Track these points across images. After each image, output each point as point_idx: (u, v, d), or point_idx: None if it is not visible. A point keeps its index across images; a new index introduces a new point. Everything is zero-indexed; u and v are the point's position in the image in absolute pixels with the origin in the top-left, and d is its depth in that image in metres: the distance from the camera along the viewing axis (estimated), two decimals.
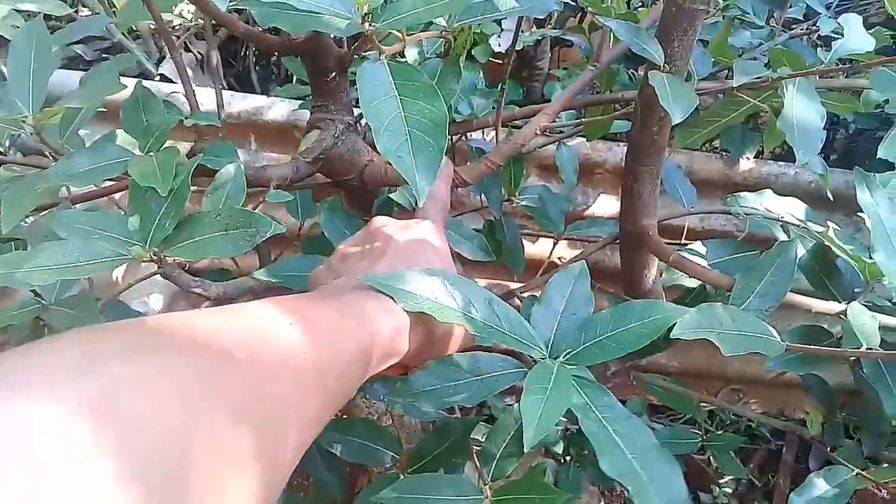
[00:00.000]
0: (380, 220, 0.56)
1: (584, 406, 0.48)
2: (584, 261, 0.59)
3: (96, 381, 0.24)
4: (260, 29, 0.61)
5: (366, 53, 0.61)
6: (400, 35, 0.48)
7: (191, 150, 0.66)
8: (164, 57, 1.47)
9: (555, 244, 0.92)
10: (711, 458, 1.39)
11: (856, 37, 0.67)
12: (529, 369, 0.50)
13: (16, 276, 0.46)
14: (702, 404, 1.30)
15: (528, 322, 0.53)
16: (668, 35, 0.59)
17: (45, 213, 0.58)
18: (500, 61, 1.34)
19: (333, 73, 0.66)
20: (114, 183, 0.65)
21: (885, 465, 0.76)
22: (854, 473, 0.70)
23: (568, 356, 0.51)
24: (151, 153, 0.57)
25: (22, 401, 0.22)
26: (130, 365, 0.25)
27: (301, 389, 0.33)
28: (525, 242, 0.90)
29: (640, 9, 1.22)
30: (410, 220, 0.57)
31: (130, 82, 0.65)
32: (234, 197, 0.57)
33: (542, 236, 1.08)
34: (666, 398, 0.85)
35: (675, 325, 0.56)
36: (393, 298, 0.46)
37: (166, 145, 0.58)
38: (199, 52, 1.55)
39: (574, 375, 0.50)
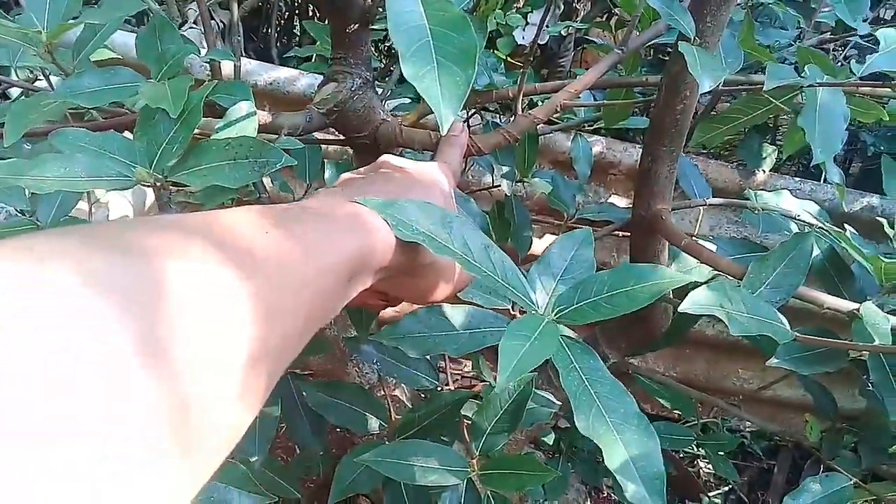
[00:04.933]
0: (389, 156, 0.54)
1: (568, 363, 0.46)
2: (589, 228, 0.57)
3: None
4: None
5: None
6: None
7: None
8: (185, 21, 1.46)
9: (561, 230, 0.90)
10: (700, 469, 1.37)
11: (890, 54, 0.65)
12: None
13: (15, 181, 0.45)
14: (695, 421, 1.29)
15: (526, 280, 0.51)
16: (701, 10, 0.58)
17: (49, 134, 0.57)
18: (520, 63, 1.33)
19: (356, 25, 0.64)
20: (122, 117, 0.64)
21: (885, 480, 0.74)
22: (852, 482, 0.68)
23: (560, 313, 0.49)
24: (164, 81, 0.55)
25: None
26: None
27: (278, 298, 0.32)
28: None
29: None
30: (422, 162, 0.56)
31: None
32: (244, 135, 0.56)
33: (547, 223, 1.07)
34: (664, 395, 0.83)
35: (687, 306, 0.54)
36: (388, 223, 0.44)
37: None
38: (221, 21, 1.55)
39: (563, 335, 0.48)
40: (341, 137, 0.72)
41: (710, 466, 1.36)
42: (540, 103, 0.80)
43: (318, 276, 0.36)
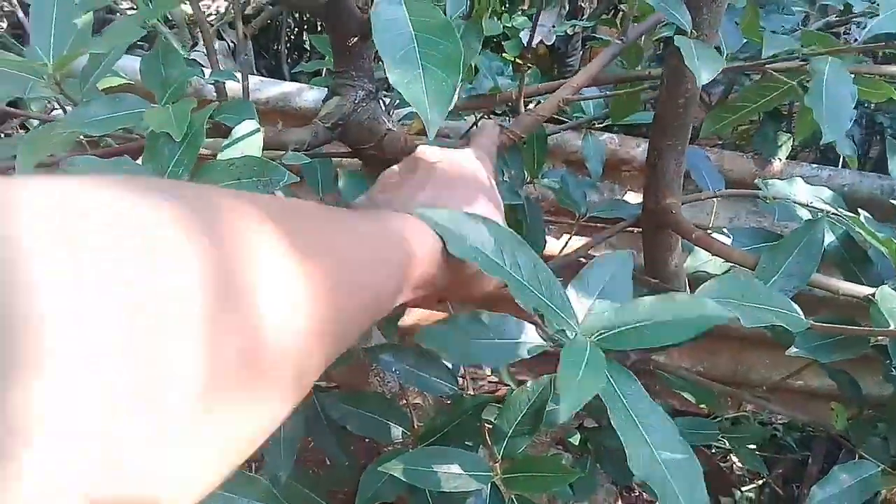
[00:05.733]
0: (423, 148, 0.54)
1: (613, 394, 0.45)
2: (630, 251, 0.56)
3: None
4: None
5: None
6: None
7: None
8: (196, 43, 1.49)
9: (574, 229, 0.90)
10: (733, 464, 1.36)
11: (892, 16, 0.65)
12: (553, 343, 0.49)
13: None
14: (726, 415, 1.27)
15: None
16: (696, 1, 0.58)
17: (60, 163, 0.58)
18: (529, 65, 1.33)
19: (356, 39, 0.65)
20: (132, 143, 0.65)
21: None
22: (880, 469, 0.67)
23: (601, 337, 0.49)
24: (168, 105, 0.56)
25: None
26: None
27: (340, 285, 0.32)
28: None
29: None
30: (456, 149, 0.55)
31: None
32: (249, 153, 0.56)
33: (564, 223, 1.07)
34: (688, 389, 0.83)
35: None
36: (443, 239, 0.44)
37: None
38: (231, 41, 1.57)
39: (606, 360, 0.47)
40: (349, 150, 0.73)
41: None
42: None
43: (375, 274, 0.37)
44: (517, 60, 1.44)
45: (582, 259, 0.75)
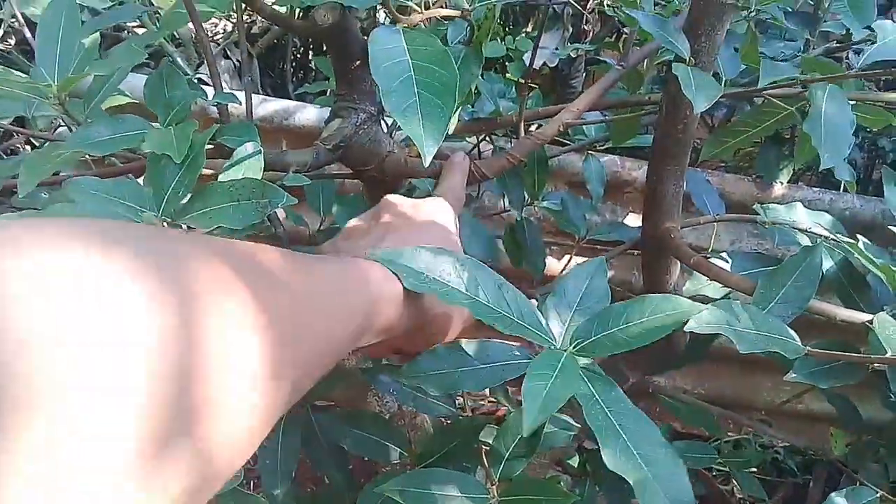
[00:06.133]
0: (390, 197, 0.55)
1: (590, 397, 0.46)
2: (602, 257, 0.57)
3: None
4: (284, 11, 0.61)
5: None
6: (418, 9, 0.48)
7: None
8: (202, 62, 1.50)
9: (574, 251, 0.90)
10: (734, 488, 1.35)
11: (889, 43, 0.65)
12: None
13: None
14: (727, 438, 1.27)
15: (541, 313, 0.51)
16: (695, 30, 0.58)
17: (63, 182, 0.59)
18: (533, 85, 1.35)
19: (358, 62, 0.66)
20: (136, 162, 0.66)
21: None
22: (878, 495, 0.67)
23: (578, 346, 0.49)
24: (170, 127, 0.57)
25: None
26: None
27: (302, 327, 0.32)
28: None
29: None
30: (421, 198, 0.56)
31: None
32: (250, 174, 0.57)
33: (566, 245, 1.07)
34: (685, 413, 0.83)
35: (693, 325, 0.54)
36: (397, 275, 0.45)
37: None
38: (237, 60, 1.58)
39: (583, 367, 0.48)
40: (350, 171, 0.73)
41: None
42: None
43: (336, 319, 0.37)
44: (520, 82, 1.45)
45: None
